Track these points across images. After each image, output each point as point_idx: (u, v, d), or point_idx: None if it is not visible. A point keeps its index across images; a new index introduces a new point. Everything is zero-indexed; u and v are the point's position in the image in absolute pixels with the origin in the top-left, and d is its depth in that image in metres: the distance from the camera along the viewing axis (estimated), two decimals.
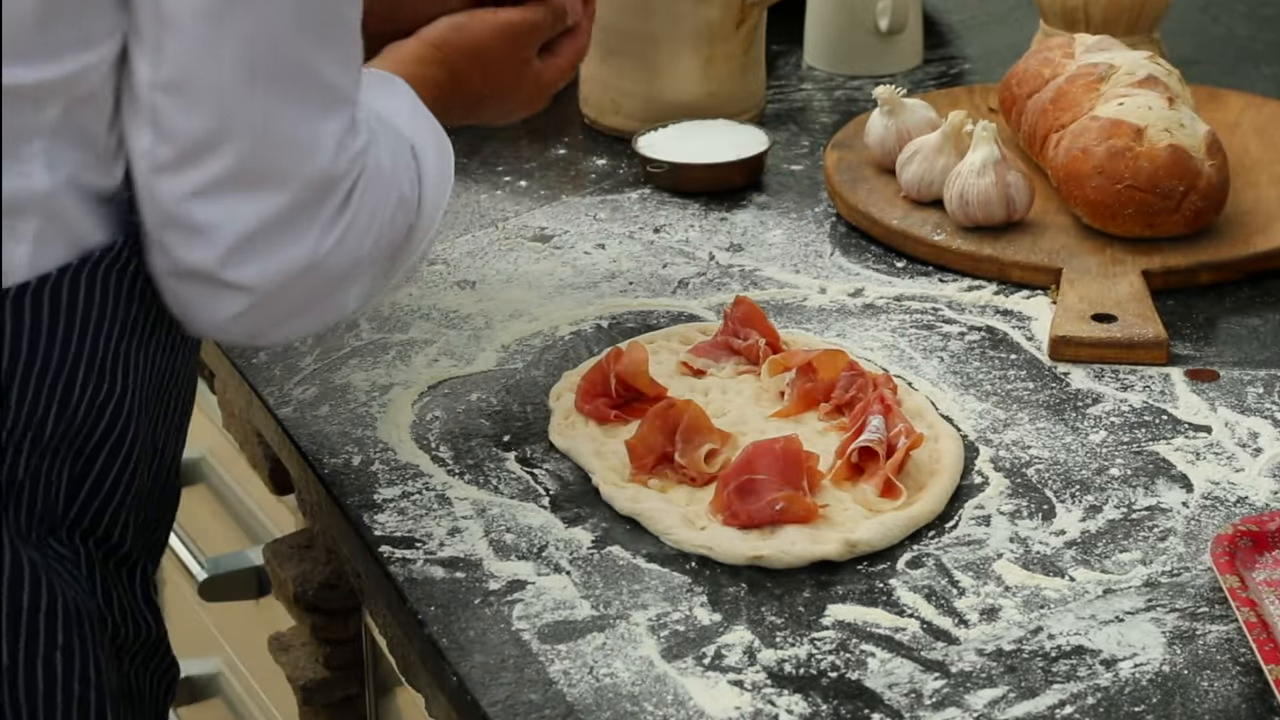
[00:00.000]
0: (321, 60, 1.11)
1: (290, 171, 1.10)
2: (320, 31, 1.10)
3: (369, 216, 1.15)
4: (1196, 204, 1.56)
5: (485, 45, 1.40)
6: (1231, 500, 1.30)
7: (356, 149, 1.13)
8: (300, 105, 1.10)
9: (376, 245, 1.16)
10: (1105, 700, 1.13)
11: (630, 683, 1.15)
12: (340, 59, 1.12)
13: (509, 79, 1.42)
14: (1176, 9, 2.06)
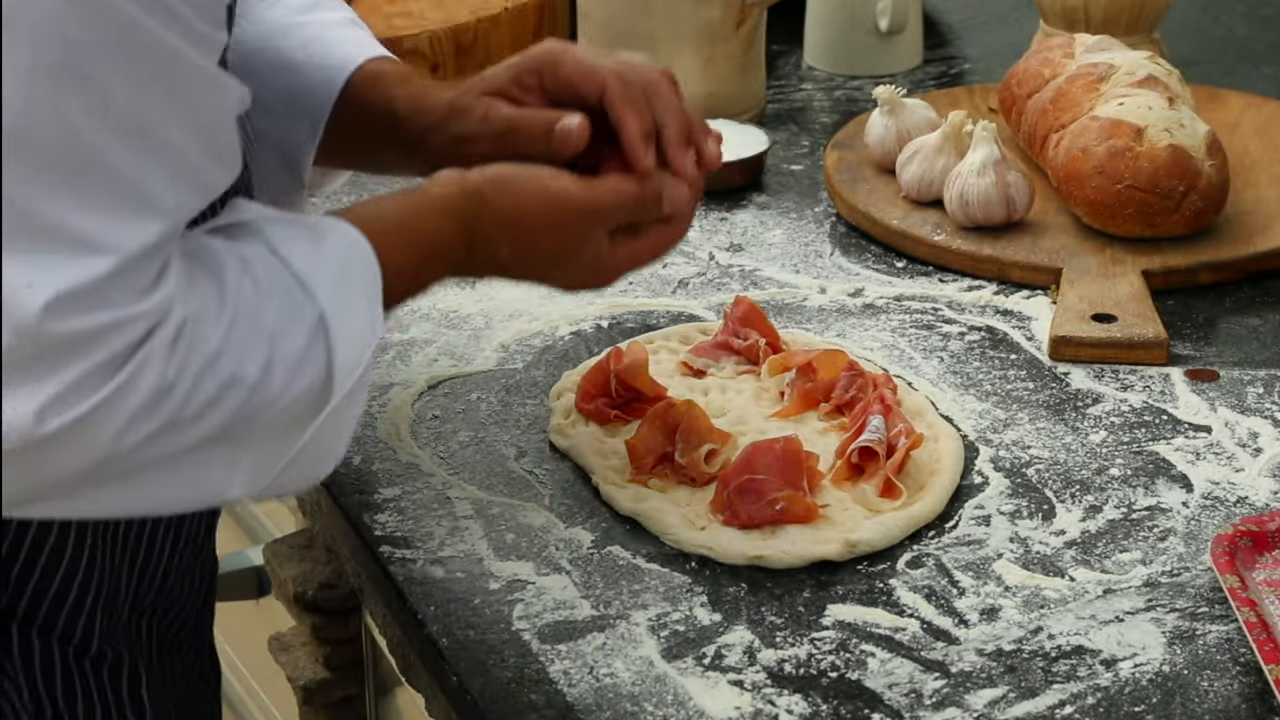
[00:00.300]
0: (32, 192, 0.91)
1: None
2: (32, 155, 0.91)
3: (142, 397, 0.95)
4: (1196, 204, 1.56)
5: (524, 214, 1.17)
6: (1231, 500, 1.30)
7: (127, 313, 0.93)
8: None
9: (166, 427, 0.96)
10: (1105, 700, 1.13)
11: (630, 683, 1.15)
12: (76, 199, 0.92)
13: (551, 253, 1.19)
14: (1176, 9, 2.06)
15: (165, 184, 0.96)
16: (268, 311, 1.01)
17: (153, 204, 0.95)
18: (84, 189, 0.92)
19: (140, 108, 0.93)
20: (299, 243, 1.05)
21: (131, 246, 0.93)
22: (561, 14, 1.95)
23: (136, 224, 0.94)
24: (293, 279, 1.03)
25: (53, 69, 0.90)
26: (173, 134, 0.95)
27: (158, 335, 0.95)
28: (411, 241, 1.13)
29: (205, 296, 0.98)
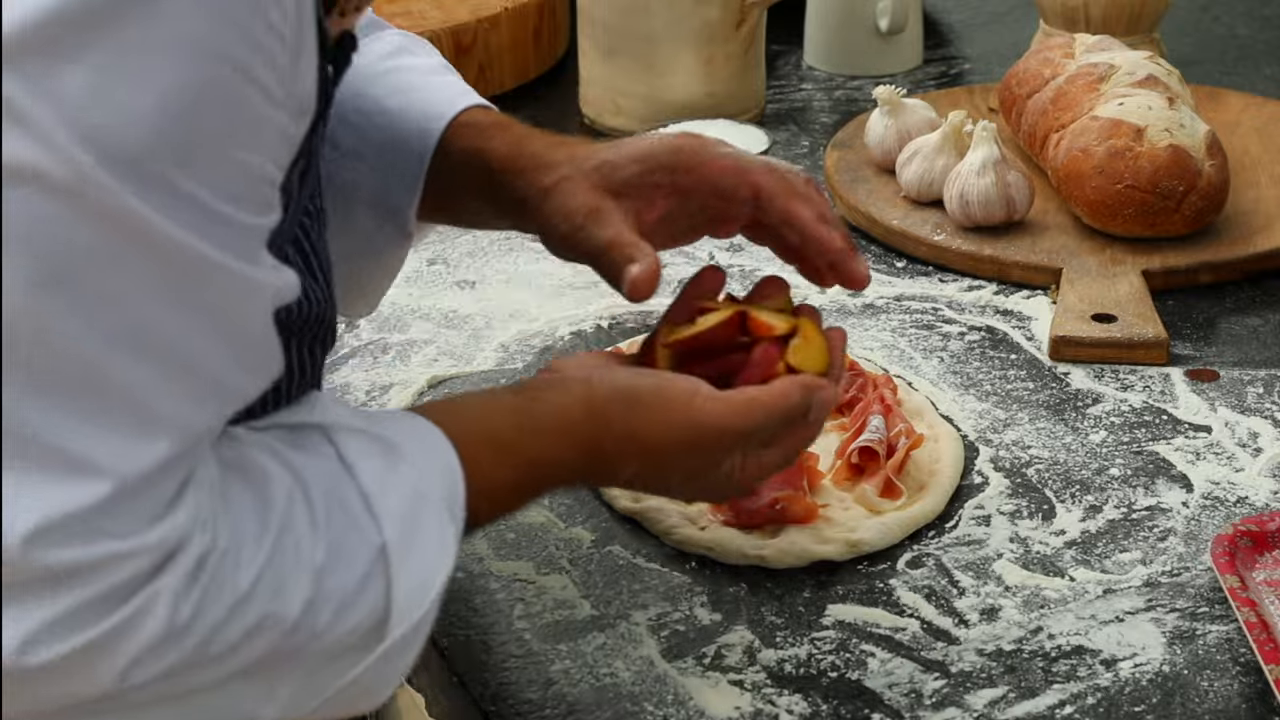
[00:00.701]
0: (20, 409, 0.81)
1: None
2: (25, 370, 0.81)
3: (151, 636, 0.84)
4: (1196, 204, 1.56)
5: (655, 435, 1.05)
6: (1231, 500, 1.30)
7: (127, 545, 0.83)
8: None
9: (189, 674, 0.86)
10: (1105, 700, 1.13)
11: (630, 682, 1.15)
12: (70, 417, 0.82)
13: (681, 474, 1.08)
14: (1176, 9, 2.06)
15: (177, 400, 0.85)
16: (319, 542, 0.90)
17: (160, 422, 0.84)
18: (79, 405, 0.82)
19: (147, 317, 0.83)
20: (373, 458, 0.94)
21: (131, 470, 0.83)
22: (561, 14, 1.95)
23: (139, 444, 0.83)
24: (359, 499, 0.92)
25: (45, 279, 0.80)
26: (188, 344, 0.85)
27: (170, 570, 0.84)
28: (517, 460, 1.02)
29: (242, 523, 0.88)
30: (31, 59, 0.79)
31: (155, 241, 0.82)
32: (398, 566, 0.93)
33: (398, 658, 0.95)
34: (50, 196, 0.80)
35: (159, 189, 0.82)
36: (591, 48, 1.82)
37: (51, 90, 0.79)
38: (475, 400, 1.05)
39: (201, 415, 0.87)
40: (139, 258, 0.82)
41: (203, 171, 0.83)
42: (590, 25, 1.81)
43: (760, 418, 1.07)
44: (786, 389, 1.09)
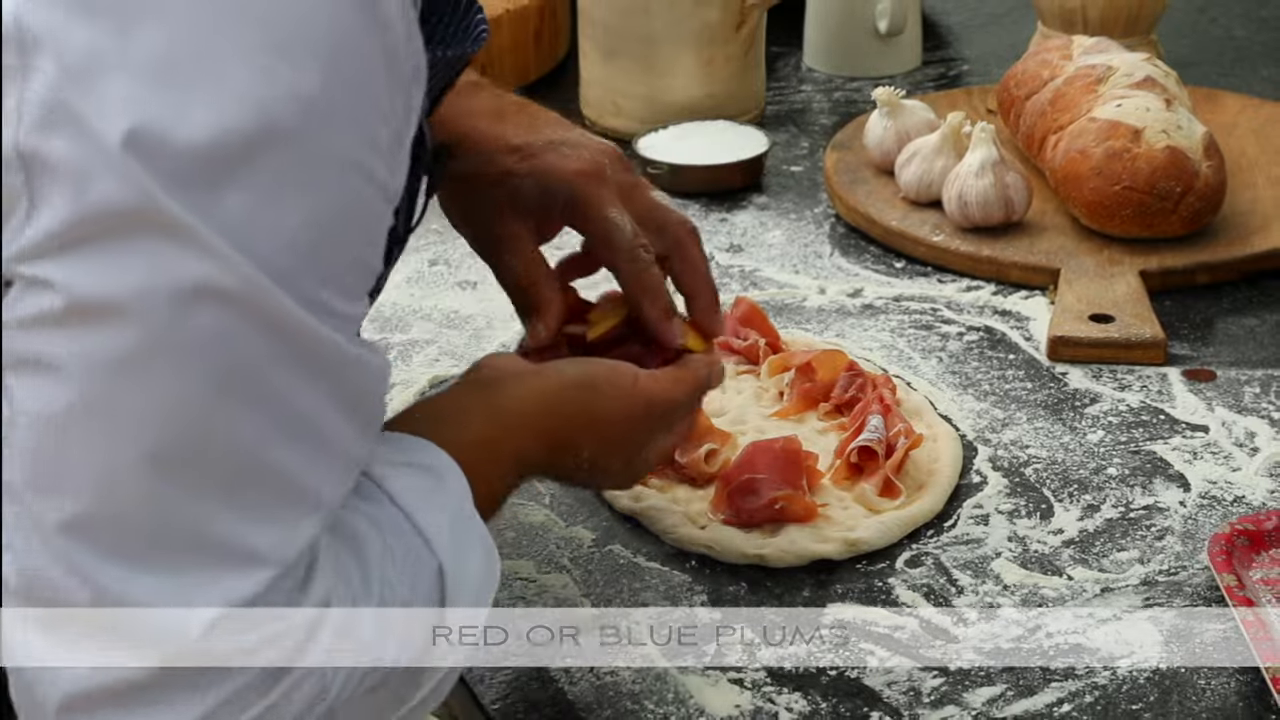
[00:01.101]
0: (199, 508, 0.85)
1: (144, 637, 0.85)
2: (201, 475, 0.85)
3: (305, 701, 0.89)
4: (1194, 205, 1.56)
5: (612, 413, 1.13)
6: (1228, 499, 1.30)
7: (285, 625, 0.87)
8: (149, 566, 0.85)
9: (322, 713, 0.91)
10: (1103, 699, 1.13)
11: (631, 681, 1.15)
12: (241, 512, 0.86)
13: (619, 463, 1.15)
14: (1174, 10, 2.06)
15: (329, 480, 0.90)
16: (405, 584, 0.95)
17: (310, 503, 0.89)
18: (248, 499, 0.87)
19: (309, 408, 0.88)
20: (417, 491, 0.98)
21: (290, 554, 0.88)
22: (562, 15, 1.95)
23: (295, 529, 0.88)
24: (415, 533, 0.97)
25: (219, 384, 0.85)
26: (337, 428, 0.90)
27: (317, 640, 0.89)
28: (501, 461, 1.07)
29: (354, 586, 0.92)
30: (196, 189, 0.83)
31: (307, 340, 0.87)
32: (453, 586, 0.97)
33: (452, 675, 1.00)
34: (225, 307, 0.84)
35: (305, 293, 0.87)
36: (592, 49, 1.82)
37: (217, 214, 0.84)
38: (451, 412, 1.08)
39: (339, 491, 0.91)
40: (296, 356, 0.87)
41: (334, 275, 0.89)
42: (590, 26, 1.82)
43: (689, 388, 1.17)
44: (697, 365, 1.19)
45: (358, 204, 0.89)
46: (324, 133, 0.86)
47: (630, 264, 1.19)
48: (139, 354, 0.84)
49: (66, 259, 0.83)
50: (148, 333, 0.83)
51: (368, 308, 0.96)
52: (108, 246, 0.83)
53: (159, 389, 0.84)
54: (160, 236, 0.83)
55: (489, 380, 1.10)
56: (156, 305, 0.83)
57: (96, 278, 0.83)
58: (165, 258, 0.83)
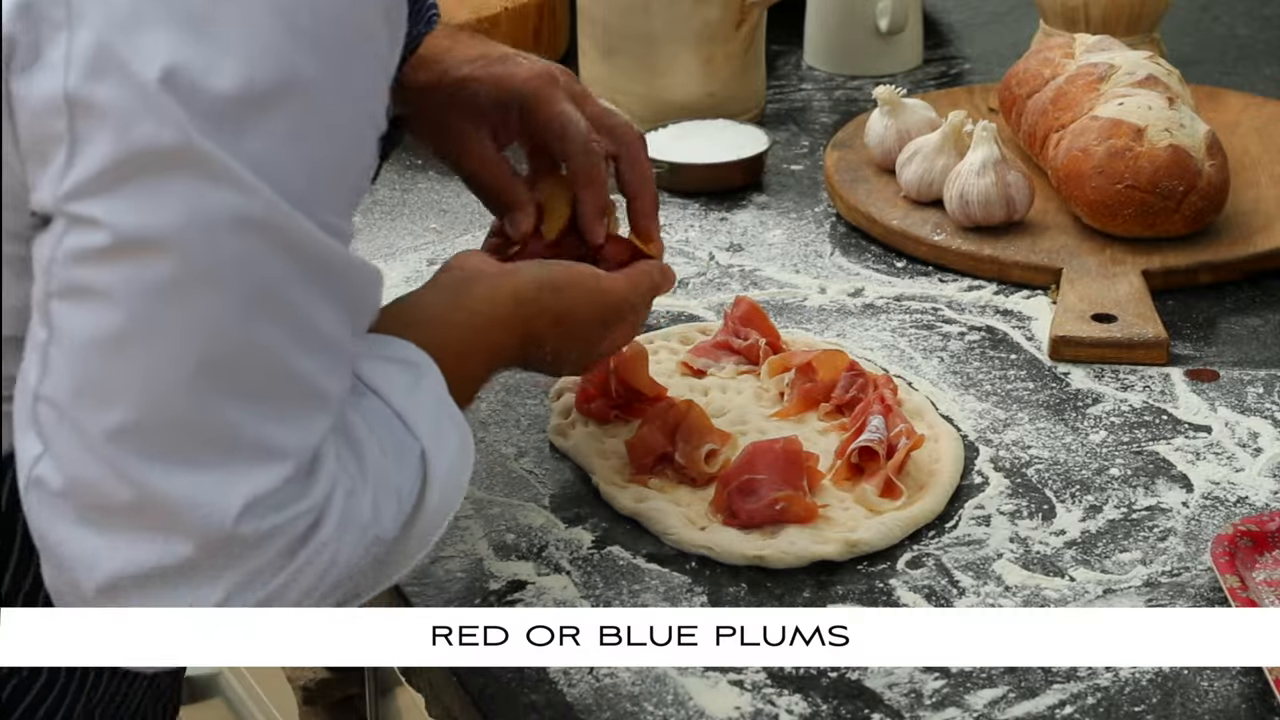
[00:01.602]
0: (234, 413, 0.95)
1: (182, 526, 0.95)
2: (235, 383, 0.96)
3: (314, 576, 1.00)
4: (1196, 204, 1.56)
5: (576, 313, 1.23)
6: (1231, 500, 1.30)
7: (300, 509, 0.98)
8: (190, 465, 0.95)
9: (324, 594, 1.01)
10: (1105, 700, 1.13)
11: (630, 682, 1.15)
12: (269, 413, 0.97)
13: (576, 353, 1.26)
14: (1176, 9, 2.06)
15: (333, 377, 1.00)
16: (392, 465, 1.04)
17: (326, 400, 0.99)
18: (275, 402, 0.96)
19: (318, 314, 0.98)
20: (397, 381, 1.08)
21: (307, 448, 0.98)
22: (561, 14, 1.95)
23: (314, 423, 0.98)
24: (397, 419, 1.06)
25: (250, 303, 0.94)
26: (339, 332, 0.99)
27: (326, 523, 0.99)
28: (476, 357, 1.18)
29: (352, 473, 1.01)
30: (225, 128, 0.92)
31: (320, 257, 0.97)
32: (434, 467, 1.06)
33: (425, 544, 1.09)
34: (254, 234, 0.94)
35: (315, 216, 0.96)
36: (591, 47, 1.82)
37: (242, 150, 0.93)
38: (429, 312, 1.17)
39: (344, 385, 1.01)
40: (312, 273, 0.96)
41: (339, 199, 0.99)
42: (590, 25, 1.81)
43: (644, 287, 1.27)
44: (650, 267, 1.29)
45: (360, 143, 1.00)
46: (337, 81, 0.96)
47: (583, 155, 1.28)
48: (180, 281, 0.92)
49: (110, 197, 0.92)
50: (188, 261, 0.92)
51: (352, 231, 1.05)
52: (148, 184, 0.92)
53: (199, 310, 0.93)
54: (194, 173, 0.92)
55: (462, 281, 1.19)
56: (194, 237, 0.92)
57: (139, 214, 0.92)
58: (199, 192, 0.92)
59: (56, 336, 0.94)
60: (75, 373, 0.94)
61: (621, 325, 1.27)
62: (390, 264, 1.60)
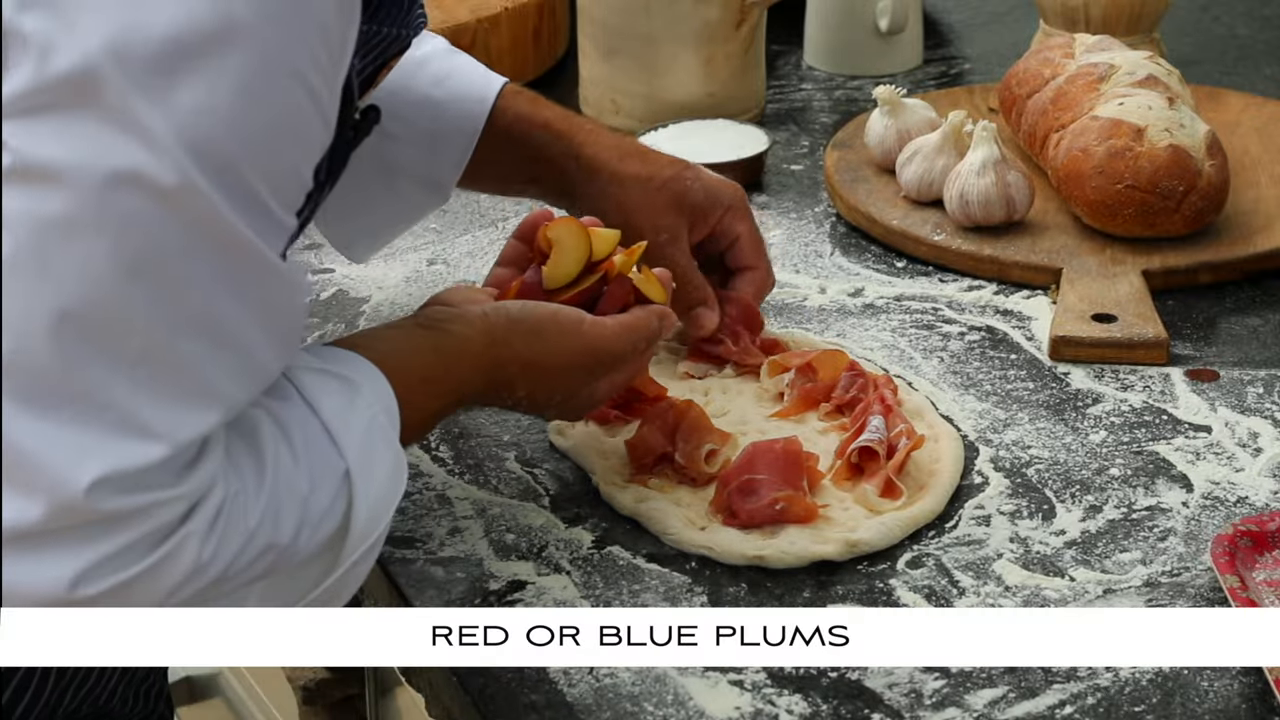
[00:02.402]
0: (100, 374, 0.94)
1: (35, 484, 0.93)
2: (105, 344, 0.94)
3: (183, 571, 0.97)
4: (1196, 204, 1.56)
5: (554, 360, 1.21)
6: (1231, 500, 1.30)
7: (166, 495, 0.95)
8: (50, 417, 0.93)
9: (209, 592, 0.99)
10: (1105, 700, 1.13)
11: (630, 683, 1.15)
12: (139, 387, 0.95)
13: (554, 401, 1.24)
14: (1176, 9, 2.06)
15: (233, 379, 0.98)
16: (303, 476, 1.03)
17: (213, 397, 0.97)
18: (145, 376, 0.94)
19: (216, 307, 0.96)
20: (332, 396, 1.07)
21: (185, 437, 0.96)
22: (561, 14, 1.95)
23: (194, 415, 0.96)
24: (324, 433, 1.05)
25: (133, 267, 0.93)
26: (243, 331, 0.98)
27: (197, 516, 0.97)
28: (440, 390, 1.16)
29: (244, 471, 1.00)
30: (154, 76, 0.92)
31: (230, 240, 0.95)
32: (359, 491, 1.05)
33: (356, 570, 1.07)
34: (152, 200, 0.92)
35: (238, 192, 0.95)
36: (591, 47, 1.82)
37: (167, 103, 0.92)
38: (395, 339, 1.16)
39: (245, 394, 1.00)
40: (215, 254, 0.95)
41: (271, 176, 0.97)
42: (590, 25, 1.81)
43: (634, 338, 1.25)
44: (648, 315, 1.27)
45: (298, 114, 0.98)
46: (276, 37, 0.95)
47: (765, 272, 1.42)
48: (67, 220, 0.92)
49: (23, 123, 0.92)
50: (77, 202, 0.92)
51: (297, 229, 1.04)
52: (60, 118, 0.92)
53: (79, 256, 0.92)
54: (107, 118, 0.91)
55: (439, 312, 1.19)
56: (88, 179, 0.92)
57: (44, 143, 0.92)
58: (106, 138, 0.92)
59: None
60: None
61: (612, 375, 1.25)
62: (390, 264, 1.60)
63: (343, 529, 1.05)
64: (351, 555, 1.06)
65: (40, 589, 0.94)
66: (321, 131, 1.01)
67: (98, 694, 1.15)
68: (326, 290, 1.57)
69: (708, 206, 1.40)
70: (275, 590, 1.03)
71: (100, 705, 1.16)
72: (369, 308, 1.54)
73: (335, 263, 1.61)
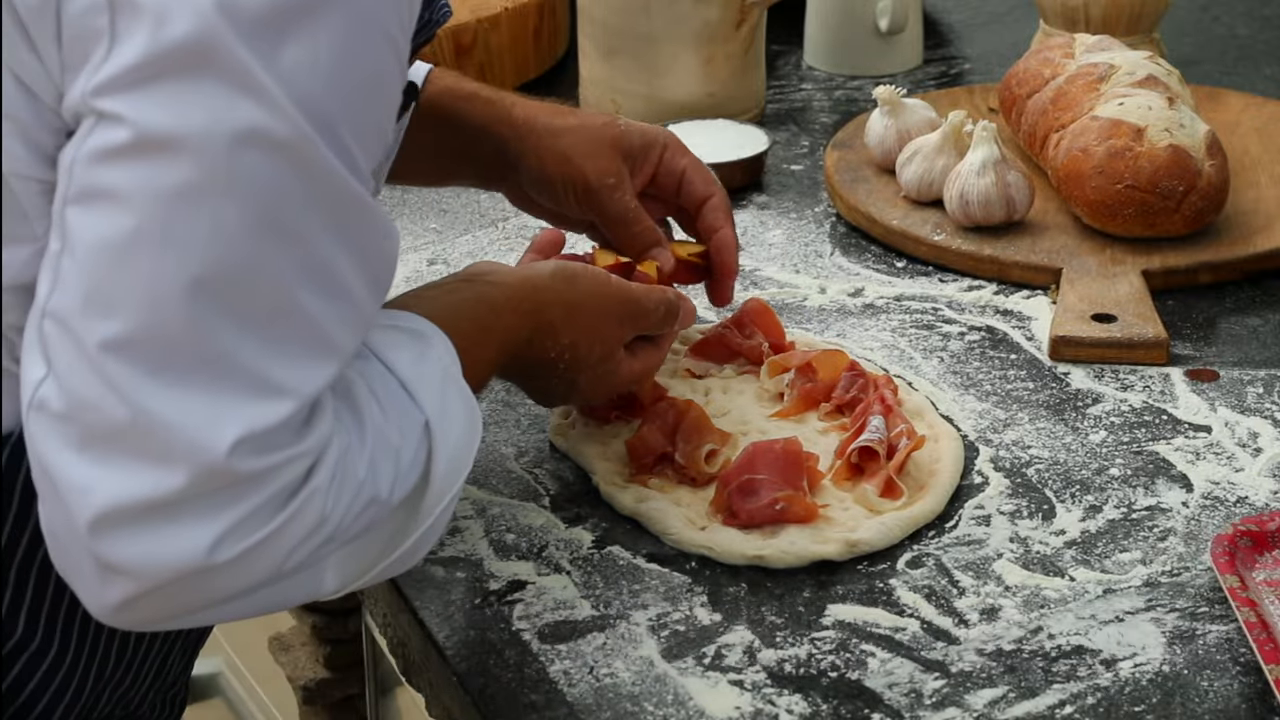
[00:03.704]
0: (233, 338, 0.95)
1: (175, 453, 0.94)
2: (237, 306, 0.95)
3: (306, 529, 0.98)
4: (1196, 204, 1.56)
5: (590, 303, 1.25)
6: (1231, 500, 1.30)
7: (295, 451, 0.97)
8: (186, 386, 0.94)
9: (316, 553, 1.00)
10: (1105, 700, 1.13)
11: (630, 683, 1.15)
12: (269, 345, 0.96)
13: (594, 356, 1.26)
14: (1176, 9, 2.06)
15: (345, 329, 1.00)
16: (393, 429, 1.04)
17: (333, 348, 0.99)
18: (277, 335, 0.96)
19: (332, 257, 0.98)
20: (404, 350, 1.08)
21: (310, 391, 0.97)
22: (561, 14, 1.95)
23: (318, 369, 0.98)
24: (401, 388, 1.06)
25: (261, 222, 0.95)
26: (354, 280, 0.99)
27: (319, 472, 0.98)
28: (491, 339, 1.19)
29: (349, 428, 1.02)
30: (262, 35, 0.93)
31: (340, 190, 0.97)
32: (439, 441, 1.06)
33: (438, 524, 1.08)
34: (274, 153, 0.94)
35: (338, 146, 0.96)
36: (591, 48, 1.82)
37: (277, 63, 0.94)
38: (440, 296, 1.19)
39: (354, 343, 1.01)
40: (329, 205, 0.97)
41: (364, 136, 0.99)
42: (590, 25, 1.81)
43: (657, 299, 1.29)
44: (665, 287, 1.32)
45: (386, 73, 1.00)
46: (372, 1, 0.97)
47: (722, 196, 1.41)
48: (193, 186, 0.93)
49: (138, 94, 0.93)
50: (203, 168, 0.93)
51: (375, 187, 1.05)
52: (176, 85, 0.92)
53: (207, 220, 0.93)
54: (224, 80, 0.93)
55: (477, 273, 1.22)
56: (213, 143, 0.93)
57: (163, 112, 0.92)
58: (226, 100, 0.93)
59: (69, 245, 0.94)
60: (83, 281, 0.94)
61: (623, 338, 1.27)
62: None
63: (422, 482, 1.06)
64: (435, 508, 1.07)
65: (180, 558, 0.95)
66: (399, 91, 1.03)
67: (130, 697, 1.16)
68: None
69: (646, 146, 1.40)
70: (360, 549, 1.04)
71: (131, 710, 1.17)
72: None
73: None
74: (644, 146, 1.40)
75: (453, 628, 1.20)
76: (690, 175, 1.42)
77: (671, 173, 1.42)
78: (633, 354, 1.29)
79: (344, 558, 1.03)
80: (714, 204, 1.42)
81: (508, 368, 1.23)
